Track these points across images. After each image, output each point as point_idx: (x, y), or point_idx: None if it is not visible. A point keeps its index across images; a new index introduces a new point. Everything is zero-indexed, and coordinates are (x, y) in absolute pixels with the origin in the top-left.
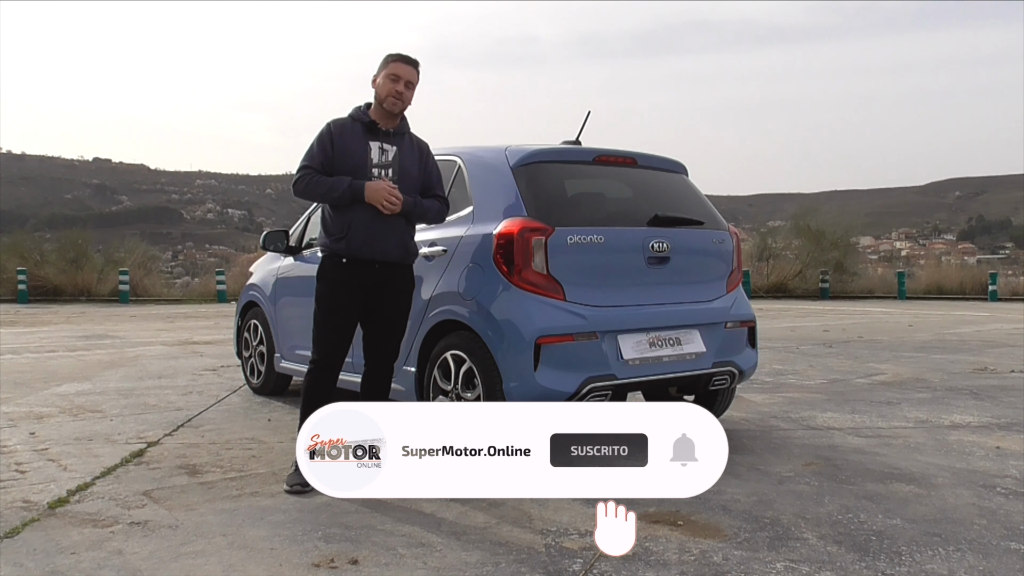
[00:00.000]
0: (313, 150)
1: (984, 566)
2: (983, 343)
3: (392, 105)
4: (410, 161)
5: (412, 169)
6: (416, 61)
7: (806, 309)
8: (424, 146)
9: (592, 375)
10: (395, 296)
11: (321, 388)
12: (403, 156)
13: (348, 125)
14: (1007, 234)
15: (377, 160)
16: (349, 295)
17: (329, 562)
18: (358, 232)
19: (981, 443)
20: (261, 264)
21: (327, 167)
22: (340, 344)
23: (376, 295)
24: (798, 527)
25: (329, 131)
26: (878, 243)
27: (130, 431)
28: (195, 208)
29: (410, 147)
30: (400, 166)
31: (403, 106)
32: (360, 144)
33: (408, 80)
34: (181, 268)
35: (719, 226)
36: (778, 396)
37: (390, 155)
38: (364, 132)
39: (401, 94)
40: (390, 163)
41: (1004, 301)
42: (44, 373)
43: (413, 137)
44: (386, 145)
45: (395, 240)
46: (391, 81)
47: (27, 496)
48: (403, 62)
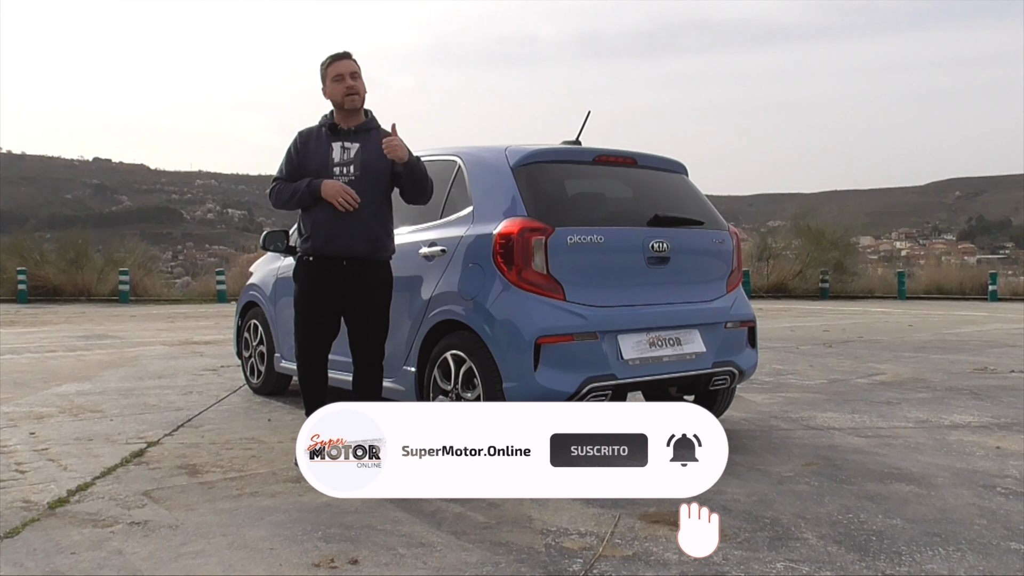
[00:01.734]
0: (282, 163)
1: (984, 566)
2: (983, 343)
3: (351, 102)
4: (373, 155)
5: (375, 163)
6: (347, 52)
7: (806, 309)
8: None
9: (592, 375)
10: (368, 292)
11: (313, 378)
12: (365, 152)
13: (315, 131)
14: (1007, 234)
15: (339, 159)
16: (320, 294)
17: (329, 562)
18: (321, 230)
19: (981, 443)
20: (261, 264)
21: (294, 175)
22: (319, 342)
23: (348, 293)
24: (798, 527)
25: (295, 142)
26: (878, 243)
27: (130, 431)
28: (195, 208)
29: (375, 142)
30: (362, 161)
31: (360, 98)
32: (323, 147)
33: (351, 72)
34: (181, 268)
35: (719, 226)
36: (778, 396)
37: (352, 152)
38: (328, 135)
39: (352, 88)
40: (352, 160)
41: (1004, 301)
42: (44, 373)
43: (381, 132)
44: (347, 143)
45: (360, 236)
46: (338, 82)
47: (27, 496)
48: (339, 59)
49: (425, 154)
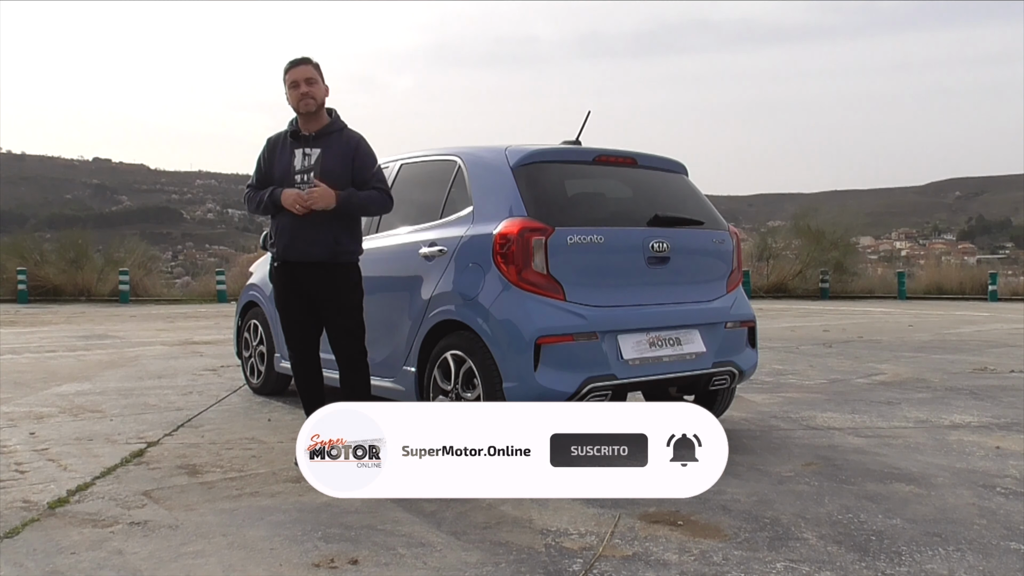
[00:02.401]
0: (253, 170)
1: (984, 566)
2: (983, 343)
3: (306, 107)
4: (333, 161)
5: (336, 168)
6: (306, 58)
7: (806, 309)
8: (355, 140)
9: (592, 375)
10: (333, 295)
11: (308, 380)
12: (326, 158)
13: (281, 138)
14: (1007, 234)
15: (299, 166)
16: (291, 295)
17: (329, 562)
18: (283, 236)
19: (981, 443)
20: (261, 264)
21: (263, 183)
22: (304, 339)
23: (316, 296)
24: (798, 527)
25: (264, 148)
26: (878, 243)
27: (130, 431)
28: (195, 208)
29: (337, 146)
30: (322, 168)
31: (316, 103)
32: (287, 154)
33: (306, 78)
34: (181, 268)
35: (719, 226)
36: (778, 396)
37: (312, 158)
38: (292, 141)
39: (307, 93)
40: (312, 167)
41: (1004, 301)
42: (44, 373)
43: (345, 133)
44: (308, 149)
45: (319, 241)
46: (293, 88)
47: (27, 496)
48: (294, 66)
49: (425, 154)
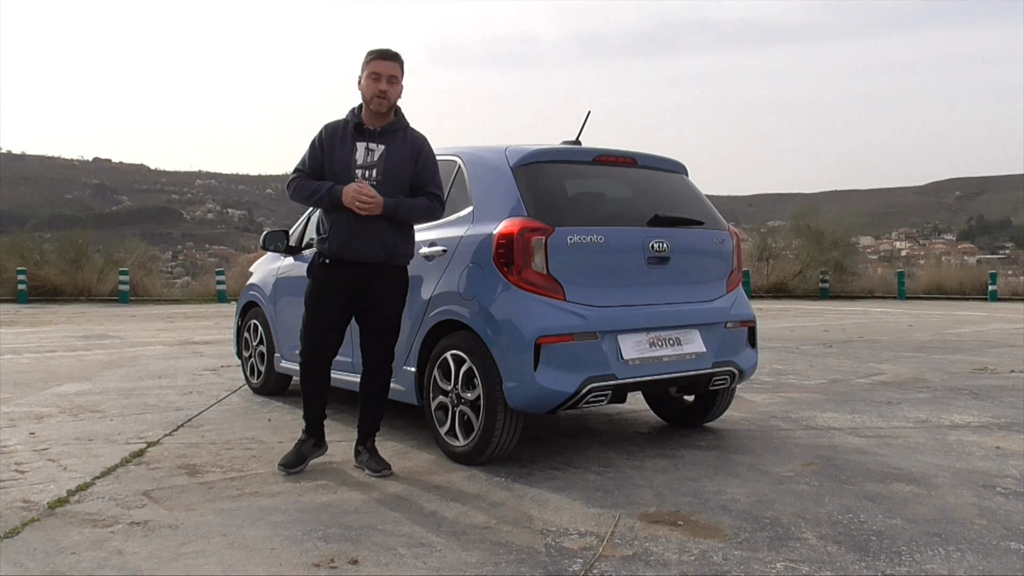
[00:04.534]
0: (305, 156)
1: (984, 566)
2: (983, 343)
3: (378, 105)
4: (397, 160)
5: (399, 168)
6: (395, 54)
7: (806, 309)
8: (419, 141)
9: (592, 375)
10: (382, 297)
11: (315, 379)
12: (390, 155)
13: (340, 127)
14: (1007, 234)
15: (362, 161)
16: (332, 294)
17: (329, 562)
18: (338, 233)
19: (981, 443)
20: (261, 264)
21: (317, 171)
22: (326, 341)
23: (363, 296)
24: (798, 527)
25: (320, 135)
26: (878, 243)
27: (130, 431)
28: (195, 208)
29: (401, 145)
30: (385, 165)
31: (389, 104)
32: (347, 146)
33: (390, 75)
34: (181, 268)
35: (719, 226)
36: (778, 396)
37: (376, 155)
38: (354, 133)
39: (384, 92)
40: (375, 163)
41: (1004, 301)
42: (44, 373)
43: (409, 133)
44: (372, 145)
45: (375, 242)
46: (373, 80)
47: (27, 496)
48: (382, 58)
49: None
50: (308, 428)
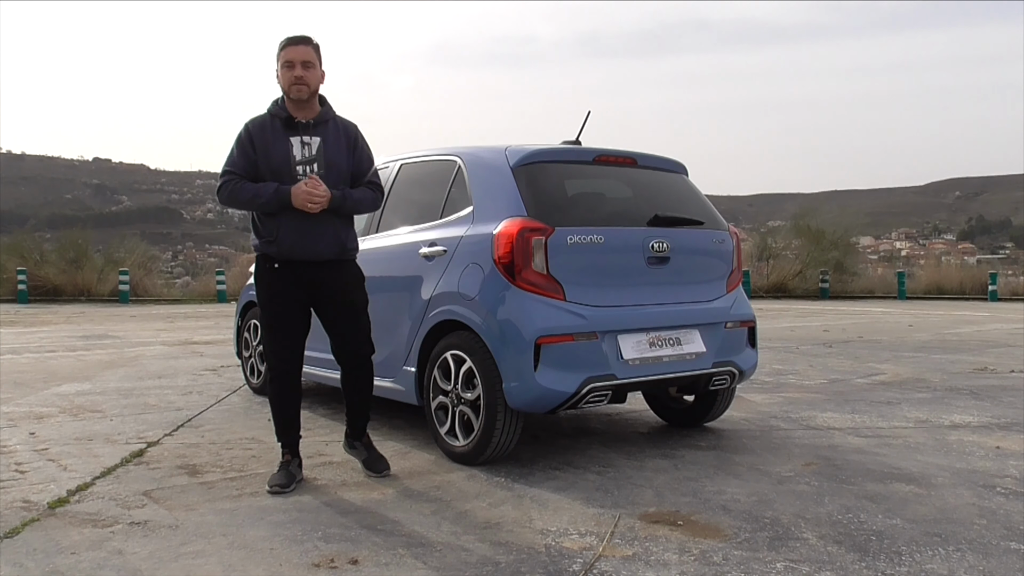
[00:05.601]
0: (233, 154)
1: (984, 566)
2: (983, 343)
3: (298, 92)
4: (335, 151)
5: (338, 159)
6: (307, 38)
7: (806, 309)
8: (351, 129)
9: (592, 375)
10: (341, 289)
11: (286, 396)
12: (328, 147)
13: (267, 122)
14: (1007, 234)
15: (300, 156)
16: (288, 298)
17: (329, 562)
18: (288, 234)
19: (981, 443)
20: None
21: (250, 171)
22: (293, 347)
23: (319, 294)
24: (798, 527)
25: (248, 132)
26: (878, 243)
27: (130, 431)
28: (195, 208)
29: (335, 135)
30: (325, 158)
31: (309, 90)
32: (280, 141)
33: (304, 61)
34: (181, 268)
35: (719, 226)
36: (778, 396)
37: (313, 148)
38: (283, 128)
39: (301, 78)
40: (315, 157)
41: (1004, 301)
42: (44, 373)
43: (339, 122)
44: (306, 138)
45: (328, 239)
46: (288, 68)
47: (27, 496)
48: (292, 45)
49: (425, 154)
50: (290, 449)
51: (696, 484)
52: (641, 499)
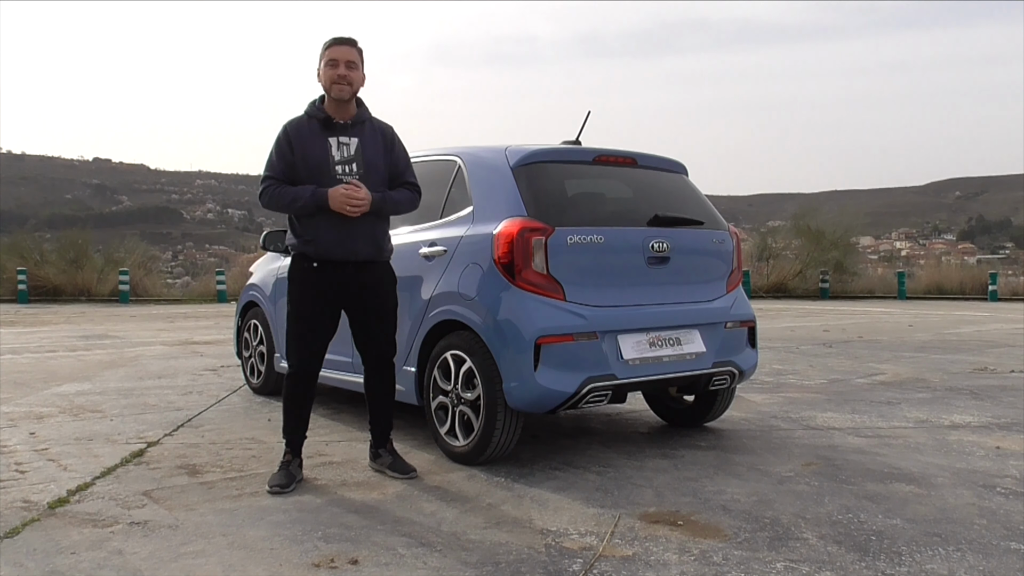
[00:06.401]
0: (272, 159)
1: (984, 566)
2: (983, 343)
3: (340, 92)
4: (373, 151)
5: (376, 160)
6: (352, 40)
7: (806, 309)
8: (388, 131)
9: (592, 375)
10: (374, 291)
11: (300, 395)
12: (365, 148)
13: (304, 124)
14: (1007, 234)
15: (339, 157)
16: (322, 299)
17: (329, 562)
18: (327, 234)
19: (981, 443)
20: (261, 264)
21: (289, 173)
22: (316, 349)
23: (353, 294)
24: (798, 527)
25: (286, 135)
26: (878, 243)
27: (130, 431)
28: (195, 208)
29: (372, 136)
30: (364, 159)
31: (351, 90)
32: (319, 143)
33: (348, 60)
34: (181, 268)
35: (719, 226)
36: (778, 396)
37: (351, 148)
38: (321, 129)
39: (344, 76)
40: (352, 157)
41: (1004, 301)
42: (44, 373)
43: (375, 123)
44: (344, 138)
45: (366, 239)
46: (331, 67)
47: (27, 496)
48: (337, 44)
49: (425, 154)
50: (294, 449)
51: (696, 484)
52: (641, 499)
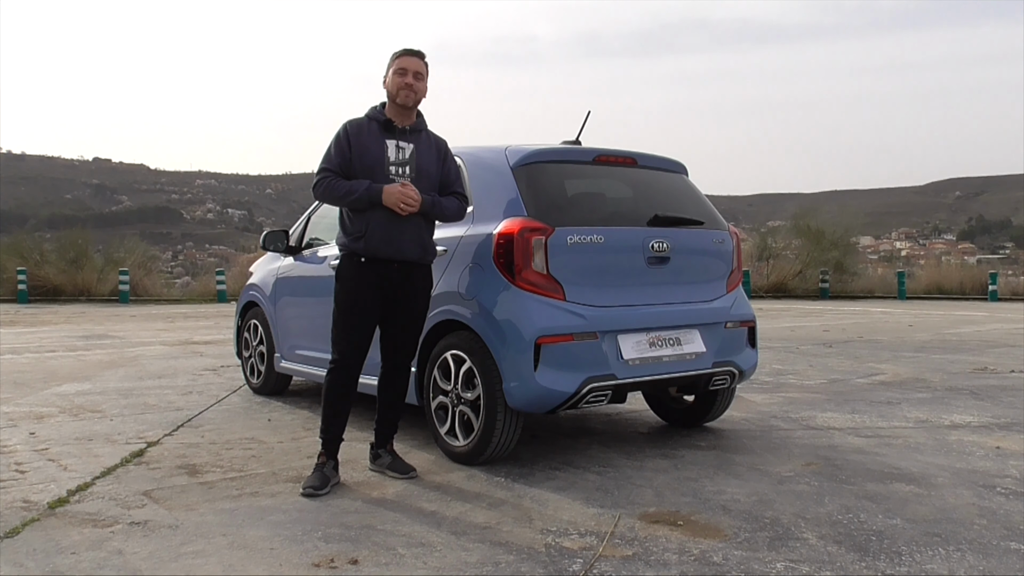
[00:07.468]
0: (330, 152)
1: (984, 566)
2: (983, 343)
3: (405, 98)
4: (427, 159)
5: (430, 167)
6: (422, 52)
7: (806, 309)
8: (442, 143)
9: (592, 375)
10: (414, 295)
11: (341, 388)
12: (420, 154)
13: (364, 124)
14: (1007, 234)
15: (394, 158)
16: (368, 294)
17: (329, 562)
18: (376, 231)
19: (981, 443)
20: (261, 264)
21: (345, 168)
22: (360, 344)
23: (394, 294)
24: (798, 527)
25: (345, 132)
26: (878, 243)
27: (130, 431)
28: (195, 208)
29: (427, 144)
30: (417, 164)
31: (416, 97)
32: (377, 143)
33: (416, 71)
34: (181, 268)
35: (719, 226)
36: (778, 396)
37: (407, 152)
38: (380, 131)
39: (411, 85)
40: (407, 161)
41: (1004, 301)
42: (44, 373)
43: (430, 134)
44: (402, 143)
45: (413, 240)
46: (399, 75)
47: (27, 496)
48: (408, 55)
49: None
50: (328, 450)
51: (696, 484)
52: (641, 499)
